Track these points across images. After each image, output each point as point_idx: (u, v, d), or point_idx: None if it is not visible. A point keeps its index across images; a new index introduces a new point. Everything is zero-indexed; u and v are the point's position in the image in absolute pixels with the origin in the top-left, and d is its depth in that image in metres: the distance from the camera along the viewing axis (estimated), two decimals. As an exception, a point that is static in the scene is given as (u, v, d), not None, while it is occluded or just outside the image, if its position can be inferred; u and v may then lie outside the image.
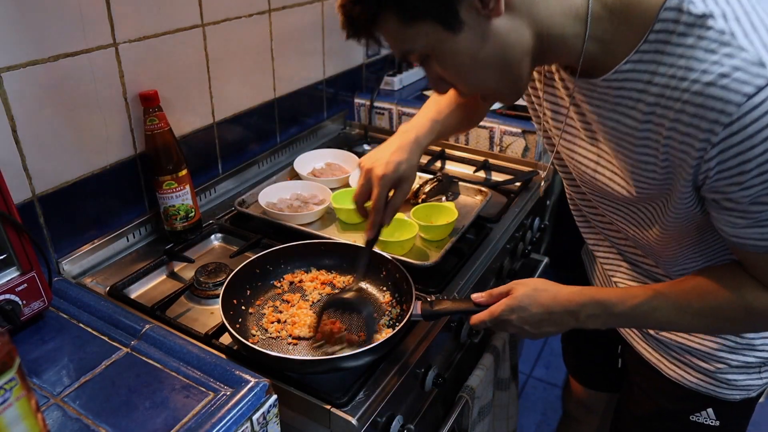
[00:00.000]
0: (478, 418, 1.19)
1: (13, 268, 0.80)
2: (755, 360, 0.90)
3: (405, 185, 0.93)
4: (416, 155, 0.95)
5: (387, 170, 0.90)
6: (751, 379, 0.92)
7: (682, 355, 0.94)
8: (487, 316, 0.83)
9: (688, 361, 0.94)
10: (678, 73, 0.62)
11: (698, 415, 0.97)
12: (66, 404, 0.71)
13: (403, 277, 0.92)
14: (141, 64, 1.07)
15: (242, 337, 0.81)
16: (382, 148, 0.95)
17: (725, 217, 0.68)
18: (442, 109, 1.02)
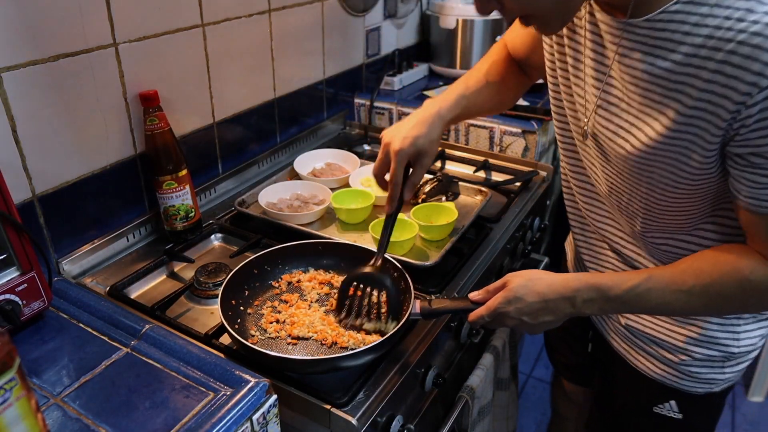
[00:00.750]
0: (478, 418, 1.19)
1: (13, 268, 0.80)
2: (718, 354, 0.91)
3: (424, 159, 0.92)
4: (437, 129, 0.94)
5: (404, 145, 0.90)
6: (714, 372, 0.92)
7: (648, 345, 0.95)
8: (484, 310, 0.83)
9: (653, 351, 0.95)
10: (735, 14, 0.61)
11: (661, 407, 0.98)
12: (66, 404, 0.71)
13: (402, 276, 0.92)
14: (141, 64, 1.07)
15: (241, 337, 0.81)
16: (404, 122, 0.95)
17: (747, 175, 0.67)
18: (471, 85, 1.01)
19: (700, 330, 0.90)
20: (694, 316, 0.89)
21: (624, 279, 0.77)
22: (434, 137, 0.93)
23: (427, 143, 0.92)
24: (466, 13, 1.88)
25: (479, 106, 1.03)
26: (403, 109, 1.74)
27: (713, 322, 0.89)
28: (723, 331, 0.89)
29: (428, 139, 0.92)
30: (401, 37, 1.97)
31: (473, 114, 1.04)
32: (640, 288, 0.76)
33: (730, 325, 0.89)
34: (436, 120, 0.94)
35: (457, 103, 0.98)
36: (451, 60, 1.95)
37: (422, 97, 1.78)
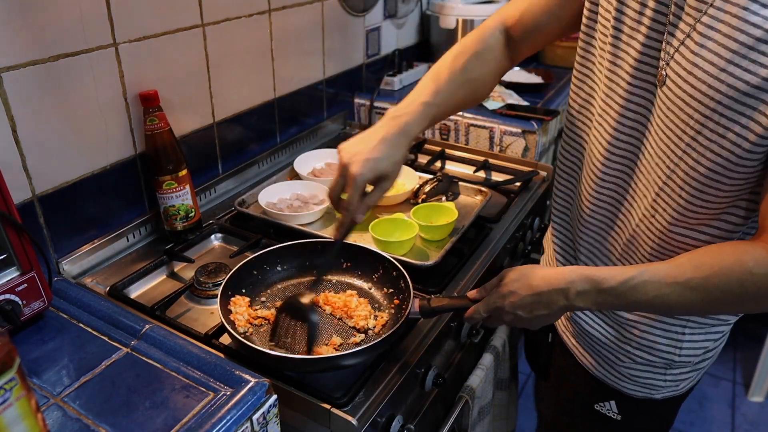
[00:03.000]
0: (478, 418, 1.19)
1: (13, 268, 0.80)
2: (659, 360, 0.90)
3: (385, 183, 0.86)
4: (401, 148, 0.86)
5: (363, 169, 0.82)
6: (655, 378, 0.92)
7: (592, 342, 0.96)
8: (480, 306, 0.82)
9: (597, 349, 0.95)
10: None
11: (602, 405, 0.99)
12: (66, 404, 0.71)
13: (401, 275, 0.92)
14: (141, 64, 1.07)
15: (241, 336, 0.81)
16: (365, 138, 0.86)
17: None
18: (441, 88, 0.91)
19: (640, 333, 0.89)
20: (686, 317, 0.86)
21: (619, 271, 0.74)
22: (398, 158, 0.85)
23: (390, 165, 0.84)
24: (466, 13, 1.88)
25: (451, 110, 0.95)
26: (403, 109, 1.73)
27: (656, 327, 0.88)
28: (665, 338, 0.88)
29: (391, 161, 0.84)
30: (401, 37, 1.97)
31: (445, 116, 0.96)
32: (635, 280, 0.72)
33: (673, 332, 0.87)
34: (399, 138, 0.85)
35: (423, 114, 0.89)
36: (451, 60, 1.95)
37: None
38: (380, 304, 0.95)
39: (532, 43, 0.98)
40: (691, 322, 0.87)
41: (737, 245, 0.71)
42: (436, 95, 0.90)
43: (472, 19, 1.88)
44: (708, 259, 0.71)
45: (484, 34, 0.97)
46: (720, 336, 0.91)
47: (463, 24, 1.89)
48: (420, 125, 0.89)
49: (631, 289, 0.72)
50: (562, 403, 1.09)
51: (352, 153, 0.84)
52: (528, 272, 0.79)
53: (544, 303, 0.77)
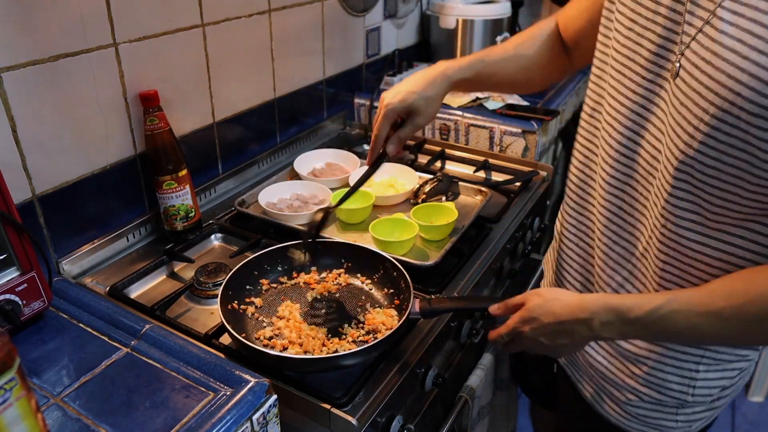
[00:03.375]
0: (478, 418, 1.19)
1: (13, 268, 0.80)
2: (670, 399, 0.83)
3: (417, 118, 0.89)
4: (437, 88, 0.90)
5: (394, 100, 0.88)
6: (666, 419, 0.85)
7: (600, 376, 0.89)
8: (503, 329, 0.81)
9: (602, 385, 0.89)
10: None
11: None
12: (66, 404, 0.71)
13: (401, 275, 0.92)
14: (141, 64, 1.07)
15: (241, 336, 0.81)
16: (406, 79, 0.92)
17: None
18: (493, 53, 0.96)
19: (649, 370, 0.82)
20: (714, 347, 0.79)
21: (645, 300, 0.70)
22: (431, 95, 0.89)
23: (422, 101, 0.88)
24: (466, 13, 1.88)
25: (499, 78, 0.97)
26: (403, 109, 1.74)
27: (667, 364, 0.81)
28: (677, 375, 0.81)
29: (422, 97, 0.88)
30: (401, 37, 1.97)
31: (491, 84, 0.98)
32: (663, 309, 0.67)
33: (686, 369, 0.81)
34: (438, 78, 0.90)
35: (470, 65, 0.93)
36: (451, 60, 1.95)
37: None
38: (381, 304, 0.95)
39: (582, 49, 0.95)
40: (706, 359, 0.80)
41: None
42: (488, 55, 0.95)
43: (472, 19, 1.88)
44: (741, 285, 0.65)
45: (542, 23, 1.01)
46: (738, 373, 0.83)
47: (463, 24, 1.89)
48: (463, 73, 0.92)
49: (660, 319, 0.68)
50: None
51: (391, 89, 0.91)
52: (551, 298, 0.76)
53: (567, 332, 0.75)
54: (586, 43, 0.90)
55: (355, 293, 0.98)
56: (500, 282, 1.30)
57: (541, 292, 0.79)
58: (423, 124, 0.91)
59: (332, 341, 0.87)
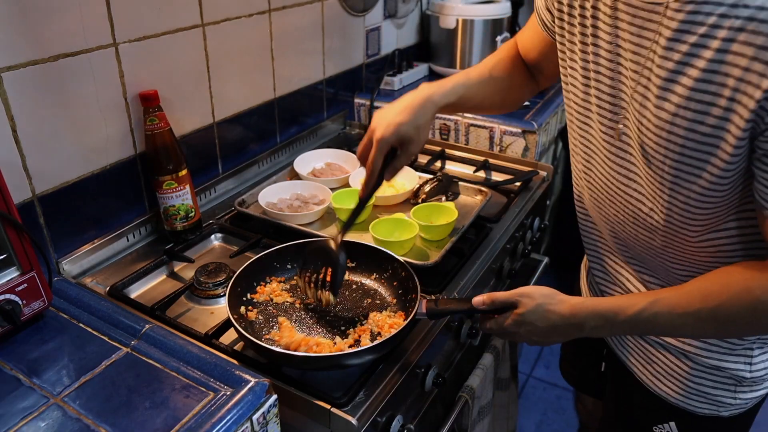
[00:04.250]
0: (478, 418, 1.19)
1: (13, 268, 0.80)
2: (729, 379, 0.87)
3: (410, 146, 0.90)
4: (426, 115, 0.91)
5: (386, 133, 0.88)
6: (725, 396, 0.89)
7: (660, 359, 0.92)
8: (495, 326, 0.85)
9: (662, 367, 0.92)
10: None
11: (661, 427, 0.95)
12: (66, 404, 0.71)
13: (409, 275, 0.93)
14: (141, 64, 1.07)
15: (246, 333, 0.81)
16: (393, 104, 0.92)
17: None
18: (472, 77, 0.98)
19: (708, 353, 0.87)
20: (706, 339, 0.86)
21: (629, 303, 0.76)
22: (421, 123, 0.90)
23: (412, 130, 0.89)
24: (466, 13, 1.88)
25: (478, 100, 1.00)
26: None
27: (724, 347, 0.86)
28: (734, 355, 0.86)
29: (413, 126, 0.89)
30: (401, 37, 1.97)
31: (471, 107, 1.01)
32: (645, 313, 0.74)
33: (744, 348, 0.85)
34: (426, 105, 0.91)
35: (453, 90, 0.94)
36: (451, 60, 1.95)
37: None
38: (387, 303, 0.95)
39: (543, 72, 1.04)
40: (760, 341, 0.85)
41: (746, 270, 0.71)
42: (467, 80, 0.98)
43: (472, 19, 1.88)
44: (716, 287, 0.72)
45: (511, 45, 1.07)
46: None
47: (463, 24, 1.89)
48: (447, 98, 0.94)
49: (644, 320, 0.75)
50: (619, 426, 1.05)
51: (378, 118, 0.91)
52: (544, 304, 0.81)
53: (560, 333, 0.82)
54: (547, 65, 1.00)
55: (361, 292, 0.98)
56: (500, 282, 1.30)
57: (532, 295, 0.82)
58: (416, 152, 0.92)
59: (336, 340, 0.87)
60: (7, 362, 0.77)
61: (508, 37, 1.93)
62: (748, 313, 0.69)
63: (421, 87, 0.94)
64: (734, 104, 0.63)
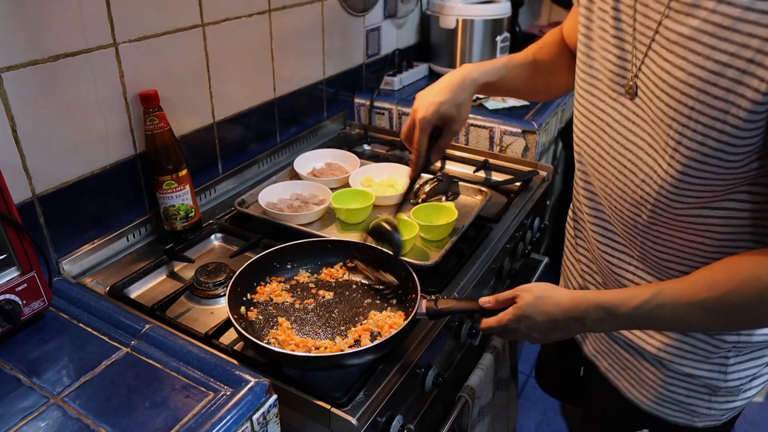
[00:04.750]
0: (478, 418, 1.19)
1: (13, 268, 0.80)
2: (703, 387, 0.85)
3: (452, 125, 0.92)
4: (465, 92, 0.93)
5: (428, 113, 0.90)
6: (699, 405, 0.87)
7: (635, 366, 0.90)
8: (495, 323, 0.83)
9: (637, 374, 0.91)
10: None
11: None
12: (66, 404, 0.71)
13: (409, 275, 0.93)
14: (141, 64, 1.07)
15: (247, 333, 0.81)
16: (432, 87, 0.95)
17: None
18: (514, 59, 0.99)
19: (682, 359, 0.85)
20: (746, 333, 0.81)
21: (632, 295, 0.73)
22: (461, 101, 0.92)
23: (453, 108, 0.91)
24: (466, 13, 1.88)
25: (519, 82, 1.00)
26: (404, 109, 1.74)
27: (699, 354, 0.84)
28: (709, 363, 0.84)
29: (454, 104, 0.91)
30: (401, 37, 1.97)
31: (512, 89, 1.01)
32: (649, 304, 0.71)
33: (719, 356, 0.83)
34: (466, 83, 0.93)
35: (493, 69, 0.96)
36: (451, 60, 1.95)
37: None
38: (387, 303, 0.95)
39: None
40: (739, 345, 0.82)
41: (752, 257, 0.68)
42: (510, 61, 0.99)
43: (472, 19, 1.88)
44: (722, 275, 0.69)
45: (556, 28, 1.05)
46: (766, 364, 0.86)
47: (463, 24, 1.89)
48: (487, 76, 0.95)
49: (647, 313, 0.72)
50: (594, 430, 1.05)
51: (420, 99, 0.93)
52: (543, 297, 0.79)
53: (561, 329, 0.79)
54: None
55: (361, 292, 0.98)
56: (500, 282, 1.30)
57: (532, 289, 0.81)
58: (459, 129, 0.94)
59: (336, 340, 0.87)
60: (7, 362, 0.77)
61: (508, 37, 1.93)
62: (757, 301, 0.66)
63: (462, 66, 0.96)
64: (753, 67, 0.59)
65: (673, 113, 0.67)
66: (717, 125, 0.64)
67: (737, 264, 0.69)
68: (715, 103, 0.63)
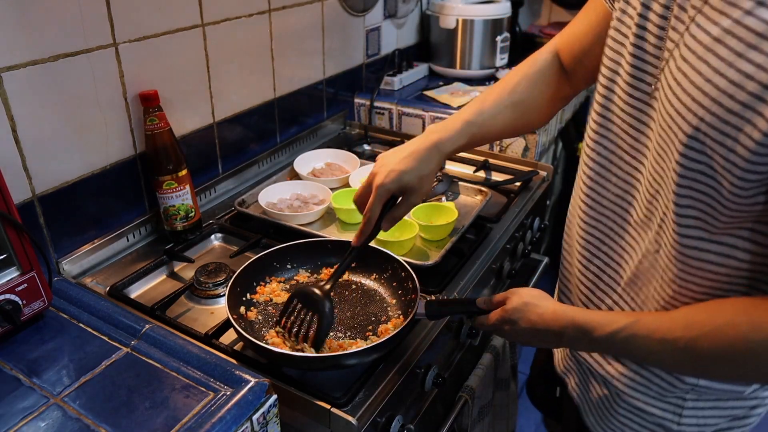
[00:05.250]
0: (478, 418, 1.19)
1: (13, 268, 0.80)
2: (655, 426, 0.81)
3: (411, 196, 0.85)
4: (431, 163, 0.86)
5: (387, 180, 0.83)
6: None
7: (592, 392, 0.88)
8: (486, 321, 0.84)
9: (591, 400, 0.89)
10: None
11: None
12: (66, 404, 0.71)
13: (409, 276, 0.93)
14: (141, 64, 1.07)
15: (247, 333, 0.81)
16: (398, 149, 0.88)
17: None
18: (486, 108, 0.90)
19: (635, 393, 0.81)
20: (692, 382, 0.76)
21: (610, 321, 0.70)
22: (425, 173, 0.85)
23: (415, 179, 0.84)
24: (466, 13, 1.88)
25: (496, 131, 0.92)
26: (403, 109, 1.74)
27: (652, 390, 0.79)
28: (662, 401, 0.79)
29: (417, 175, 0.84)
30: (401, 37, 1.97)
31: (489, 140, 0.94)
32: (623, 332, 0.68)
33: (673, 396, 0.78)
34: (432, 153, 0.86)
35: (462, 132, 0.88)
36: (451, 60, 1.95)
37: (422, 97, 1.78)
38: (387, 303, 0.95)
39: (585, 69, 0.91)
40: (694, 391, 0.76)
41: (738, 303, 0.63)
42: (479, 114, 0.90)
43: (472, 19, 1.88)
44: (702, 316, 0.64)
45: (537, 56, 0.95)
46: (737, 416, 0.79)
47: (463, 24, 1.89)
48: (455, 143, 0.88)
49: (621, 341, 0.69)
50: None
51: (381, 163, 0.86)
52: (529, 304, 0.78)
53: (541, 339, 0.79)
54: (591, 62, 0.87)
55: (361, 292, 0.98)
56: (500, 282, 1.30)
57: (521, 294, 0.80)
58: (417, 202, 0.88)
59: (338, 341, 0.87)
60: (7, 362, 0.78)
61: (508, 37, 1.93)
62: (729, 351, 0.61)
63: (429, 130, 0.89)
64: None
65: (680, 121, 0.61)
66: (727, 142, 0.57)
67: (720, 307, 0.64)
68: (728, 117, 0.56)
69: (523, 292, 0.81)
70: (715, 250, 0.65)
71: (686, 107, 0.60)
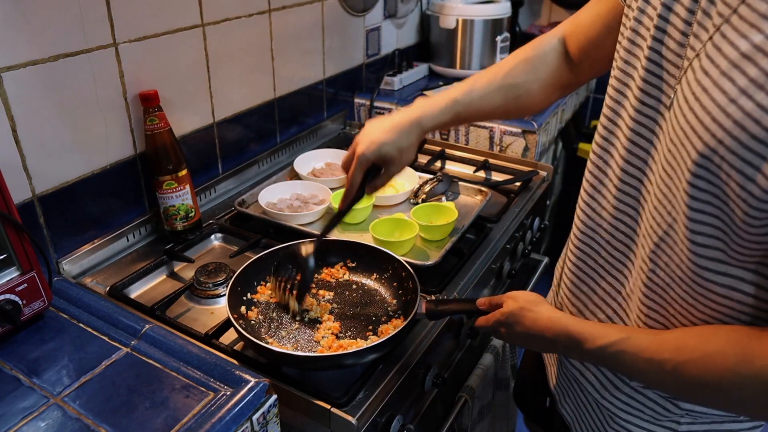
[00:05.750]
0: (478, 418, 1.19)
1: (13, 268, 0.80)
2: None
3: (390, 167, 0.88)
4: (410, 137, 0.88)
5: (366, 150, 0.86)
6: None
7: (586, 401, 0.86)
8: (483, 322, 0.84)
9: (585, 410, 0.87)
10: None
11: None
12: (66, 404, 0.71)
13: (409, 276, 0.93)
14: (141, 64, 1.07)
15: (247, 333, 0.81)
16: (383, 119, 0.89)
17: None
18: (476, 88, 0.90)
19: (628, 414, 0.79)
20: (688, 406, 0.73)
21: (602, 333, 0.69)
22: (404, 145, 0.87)
23: (394, 151, 0.87)
24: (466, 12, 1.88)
25: (484, 112, 0.92)
26: (403, 109, 1.74)
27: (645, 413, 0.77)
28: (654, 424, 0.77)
29: (396, 147, 0.87)
30: (401, 37, 1.97)
31: (473, 119, 0.95)
32: (613, 347, 0.67)
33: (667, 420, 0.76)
34: (412, 127, 0.88)
35: (446, 108, 0.89)
36: (451, 60, 1.95)
37: (422, 97, 1.78)
38: (388, 303, 0.95)
39: (591, 60, 0.88)
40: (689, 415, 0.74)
41: (733, 333, 0.60)
42: (468, 94, 0.90)
43: (472, 19, 1.88)
44: (694, 342, 0.61)
45: (541, 40, 0.93)
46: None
47: (463, 24, 1.89)
48: (438, 120, 0.89)
49: (610, 356, 0.68)
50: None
51: (365, 131, 0.89)
52: (525, 309, 0.78)
53: (536, 344, 0.79)
54: (598, 53, 0.84)
55: (361, 292, 0.98)
56: (500, 282, 1.30)
57: (517, 298, 0.80)
58: (396, 172, 0.91)
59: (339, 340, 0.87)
60: (7, 362, 0.78)
61: (508, 37, 1.93)
62: (715, 381, 0.58)
63: (415, 104, 0.91)
64: None
65: (695, 139, 0.55)
66: (746, 170, 0.51)
67: (714, 335, 0.61)
68: (751, 143, 0.50)
69: (519, 296, 0.80)
70: (719, 281, 0.61)
71: (704, 126, 0.54)
